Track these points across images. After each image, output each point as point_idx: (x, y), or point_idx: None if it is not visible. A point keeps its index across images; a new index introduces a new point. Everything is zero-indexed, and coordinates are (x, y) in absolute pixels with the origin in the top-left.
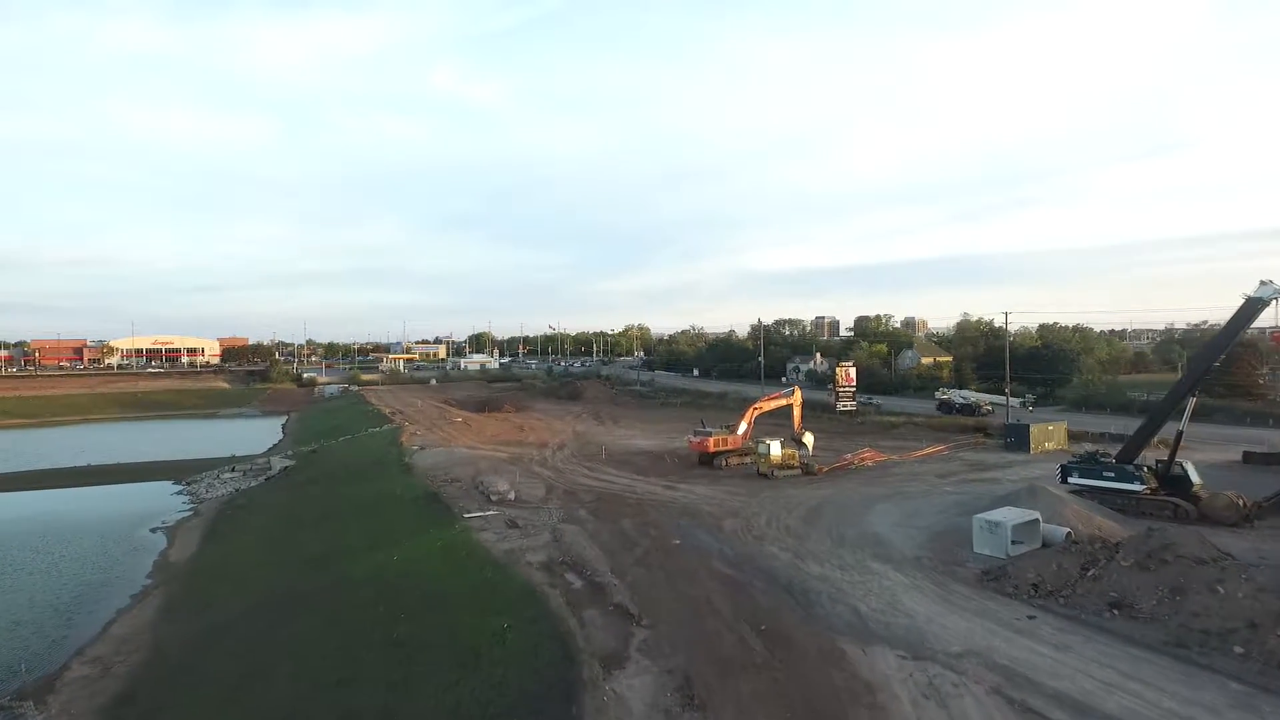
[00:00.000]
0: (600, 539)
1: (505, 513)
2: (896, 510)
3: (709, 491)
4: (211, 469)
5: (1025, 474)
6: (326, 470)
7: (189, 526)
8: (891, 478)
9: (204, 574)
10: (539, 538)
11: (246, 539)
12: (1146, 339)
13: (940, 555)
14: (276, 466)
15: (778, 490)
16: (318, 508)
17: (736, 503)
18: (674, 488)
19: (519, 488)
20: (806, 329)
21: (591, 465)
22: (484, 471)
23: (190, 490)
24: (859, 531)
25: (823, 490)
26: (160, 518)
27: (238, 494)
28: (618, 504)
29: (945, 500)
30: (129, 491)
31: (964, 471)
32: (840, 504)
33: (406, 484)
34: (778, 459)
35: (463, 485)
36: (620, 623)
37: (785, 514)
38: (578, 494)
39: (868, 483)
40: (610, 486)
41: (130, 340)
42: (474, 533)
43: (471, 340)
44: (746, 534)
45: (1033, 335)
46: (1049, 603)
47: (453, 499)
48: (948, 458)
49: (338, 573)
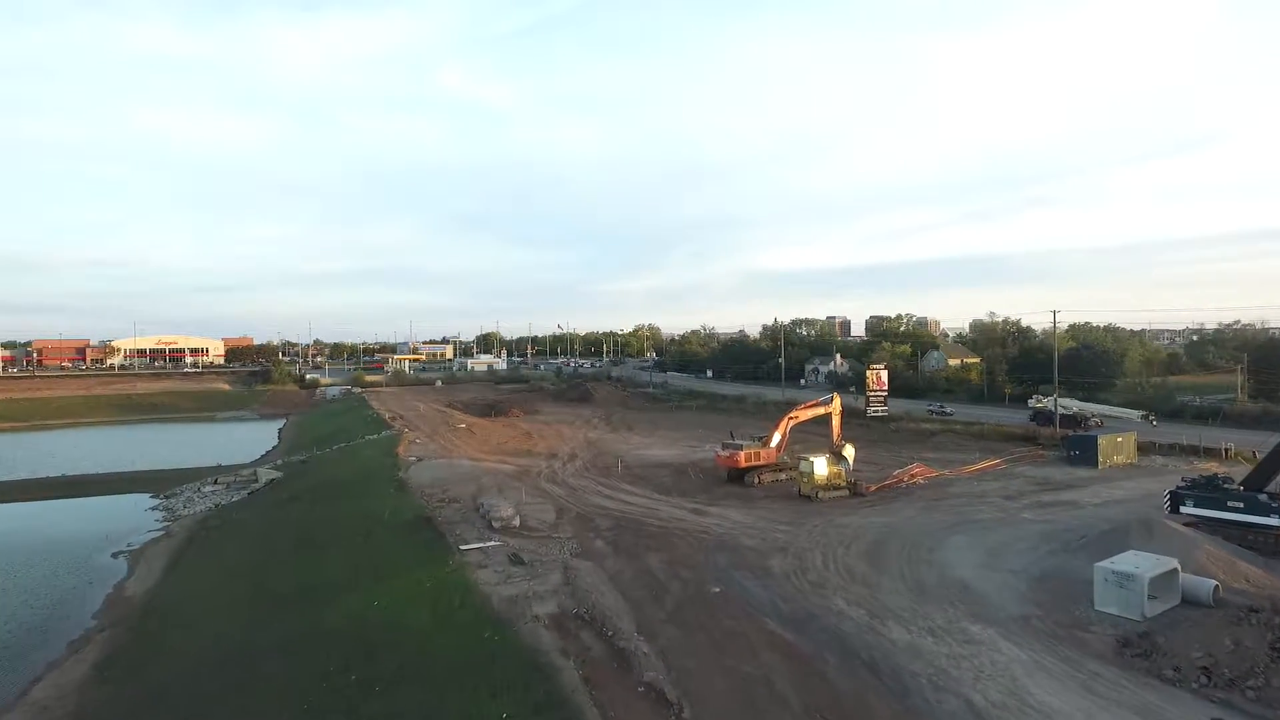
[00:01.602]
0: (622, 581)
1: (509, 543)
2: (975, 545)
3: (745, 518)
4: (195, 480)
5: (1106, 494)
6: (314, 484)
7: (155, 551)
8: (952, 499)
9: (158, 615)
10: (548, 578)
11: (214, 569)
12: (1166, 339)
13: (1053, 613)
14: (263, 479)
15: (826, 516)
16: (297, 531)
17: (780, 533)
18: (703, 512)
19: (525, 511)
20: (824, 329)
21: (607, 481)
22: (486, 489)
23: (167, 505)
24: (939, 576)
25: (877, 516)
26: (128, 539)
27: (216, 511)
28: (640, 533)
29: (1028, 531)
30: (101, 506)
31: (1033, 491)
32: (905, 536)
33: (398, 504)
34: (822, 479)
35: (461, 507)
36: (654, 714)
37: (842, 550)
38: (593, 518)
39: (927, 506)
40: (629, 509)
41: (133, 340)
42: (471, 570)
43: (479, 340)
44: (801, 578)
45: (1064, 335)
46: (1232, 695)
47: (449, 524)
48: (1007, 473)
49: (308, 620)
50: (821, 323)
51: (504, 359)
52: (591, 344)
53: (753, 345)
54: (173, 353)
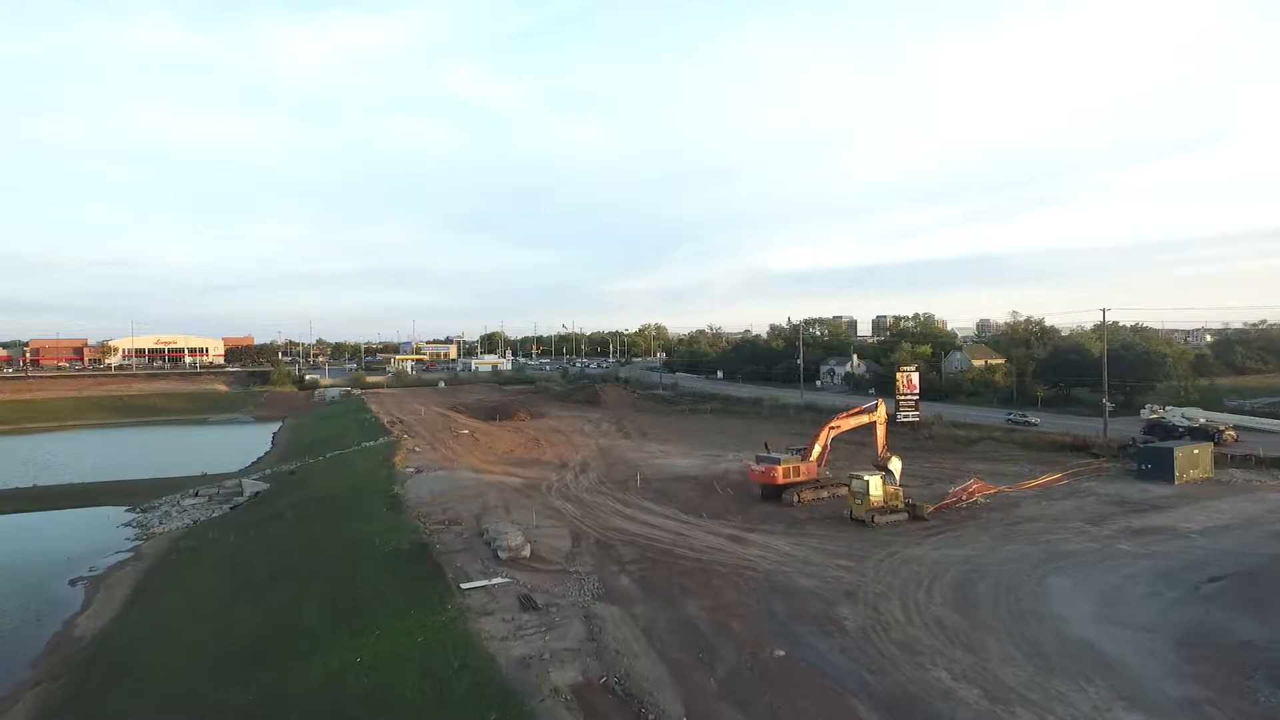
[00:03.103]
0: (658, 636)
1: (518, 580)
2: (1082, 589)
3: (794, 548)
4: (176, 491)
5: (1203, 519)
6: (301, 499)
7: (118, 578)
8: (1026, 524)
9: (105, 664)
10: (568, 631)
11: (180, 603)
12: (1179, 340)
13: (1227, 696)
14: (248, 490)
15: (888, 547)
16: (276, 558)
17: (842, 571)
18: (743, 539)
19: (536, 535)
20: (838, 329)
21: (625, 497)
22: (491, 508)
23: (142, 520)
24: (1055, 635)
25: (949, 546)
26: (92, 561)
27: (192, 529)
28: (672, 567)
29: (1137, 570)
30: (69, 522)
31: (1115, 513)
32: (992, 576)
33: (391, 526)
34: (878, 500)
35: (463, 530)
36: None
37: (923, 595)
38: (614, 546)
39: (1003, 534)
40: (655, 534)
41: (130, 340)
42: (473, 618)
43: (484, 340)
44: (883, 637)
45: (1091, 335)
46: None
47: (448, 553)
48: (1074, 490)
49: (275, 679)
50: (835, 322)
51: (509, 359)
52: (597, 344)
53: (764, 345)
54: (172, 352)
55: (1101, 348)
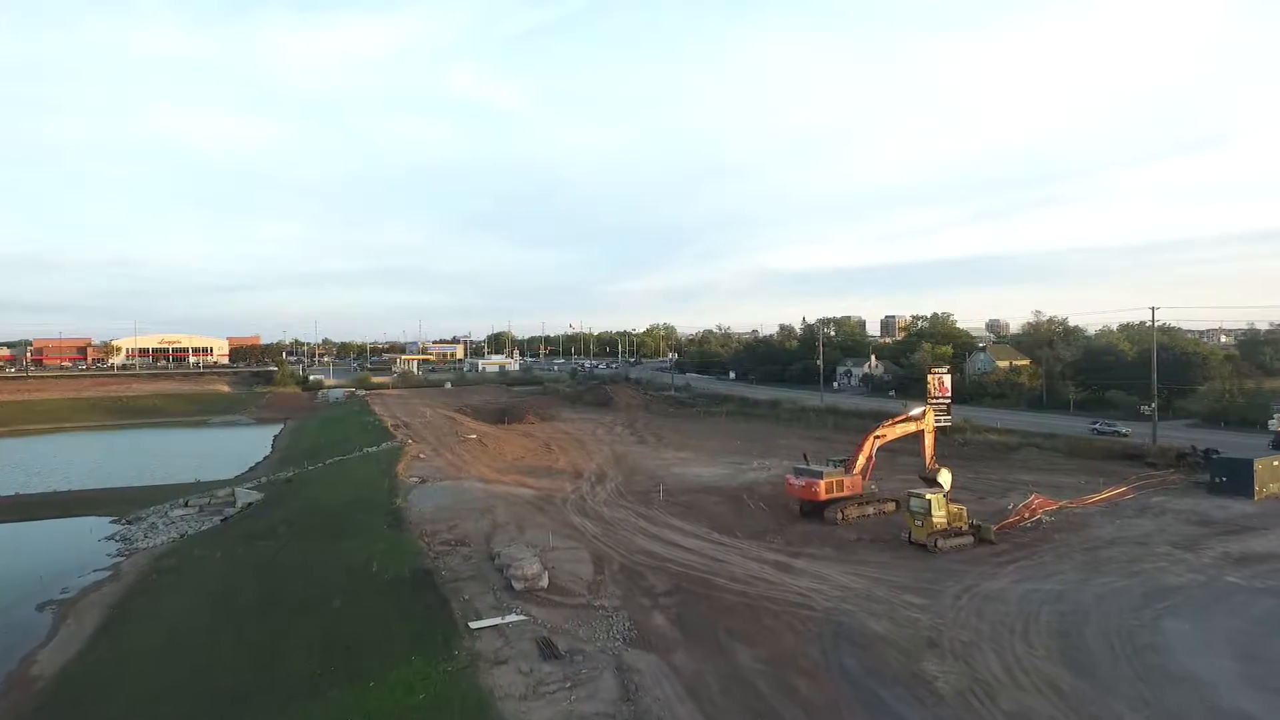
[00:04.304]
0: (707, 698)
1: (535, 617)
2: (1206, 636)
3: (851, 578)
4: (166, 500)
5: None
6: (295, 513)
7: (90, 603)
8: (1108, 549)
9: (58, 712)
10: (596, 686)
11: (153, 634)
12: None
13: None
14: (240, 500)
15: (959, 579)
16: (264, 582)
17: (915, 611)
18: (789, 566)
19: (553, 562)
20: (852, 328)
21: (648, 512)
22: (502, 525)
23: (126, 533)
24: (1204, 704)
25: (1030, 579)
26: (66, 580)
27: (178, 544)
28: (713, 602)
29: (1261, 610)
30: (48, 535)
31: (1201, 535)
32: (1093, 617)
33: (392, 547)
34: (941, 522)
35: (471, 553)
36: None
37: (1019, 642)
38: (642, 574)
39: (1087, 563)
40: (687, 558)
41: (133, 340)
42: (485, 667)
43: (491, 340)
44: (989, 705)
45: (1118, 336)
46: None
47: (455, 582)
48: (1145, 506)
49: None
50: (849, 322)
51: (516, 359)
52: (606, 343)
53: (778, 345)
54: (176, 352)
55: (1144, 348)
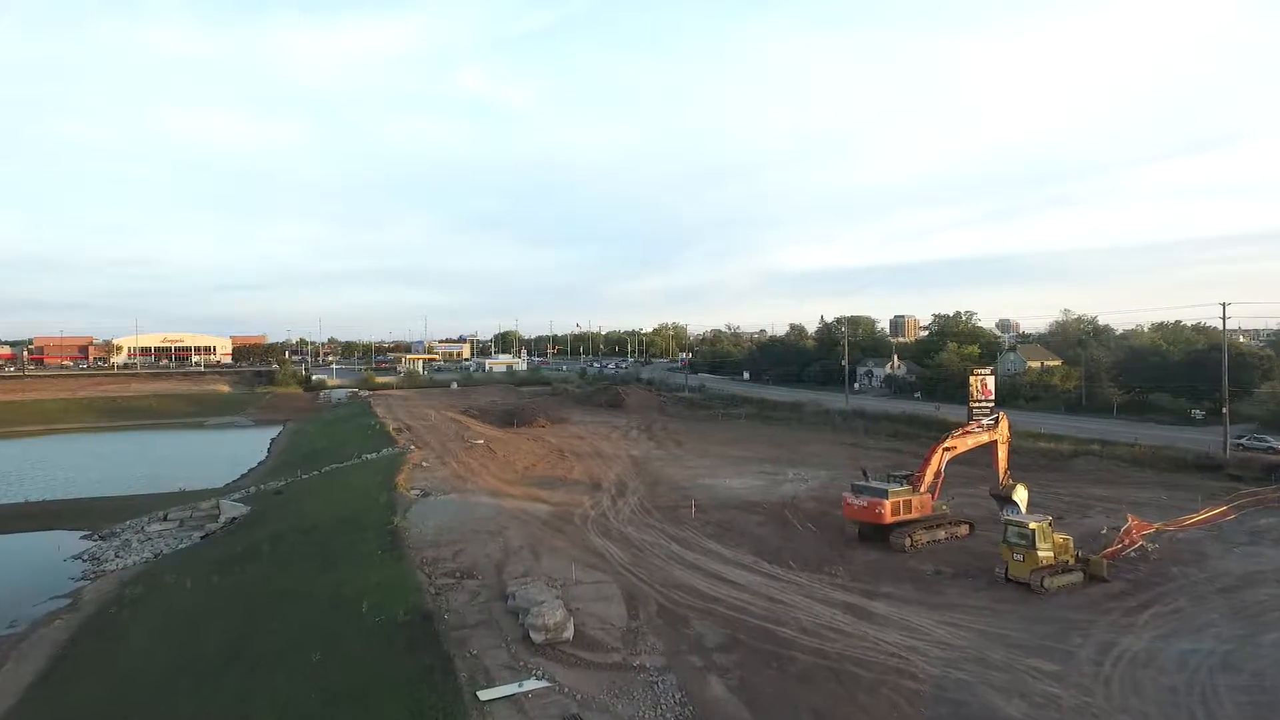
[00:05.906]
0: None
1: (560, 683)
2: None
3: (946, 629)
4: (146, 512)
5: None
6: (281, 531)
7: (40, 638)
8: (1254, 589)
9: None
10: None
11: (98, 689)
12: None
13: None
14: (225, 514)
15: (1088, 632)
16: (235, 620)
17: (1046, 679)
18: (868, 612)
19: (578, 600)
20: (870, 327)
21: (680, 533)
22: (515, 551)
23: (96, 551)
24: None
25: (1180, 635)
26: (20, 609)
27: (150, 565)
28: (783, 665)
29: None
30: (13, 551)
31: None
32: None
33: (386, 579)
34: (1049, 556)
35: (480, 588)
36: None
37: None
38: (687, 619)
39: (1235, 608)
40: (738, 596)
41: (135, 338)
42: None
43: (498, 340)
44: None
45: (1152, 335)
46: None
47: (461, 630)
48: (1258, 531)
49: None
50: (867, 321)
51: (524, 359)
52: (614, 343)
53: (794, 345)
54: (179, 351)
55: (1189, 348)
